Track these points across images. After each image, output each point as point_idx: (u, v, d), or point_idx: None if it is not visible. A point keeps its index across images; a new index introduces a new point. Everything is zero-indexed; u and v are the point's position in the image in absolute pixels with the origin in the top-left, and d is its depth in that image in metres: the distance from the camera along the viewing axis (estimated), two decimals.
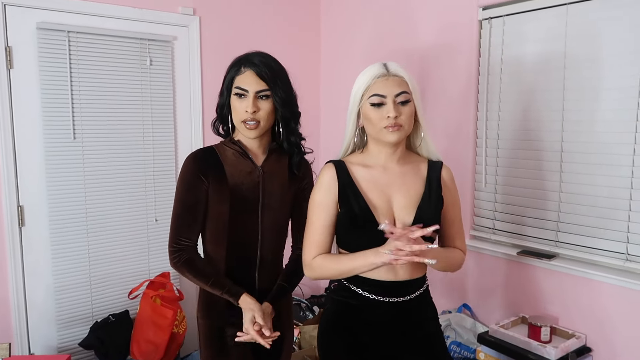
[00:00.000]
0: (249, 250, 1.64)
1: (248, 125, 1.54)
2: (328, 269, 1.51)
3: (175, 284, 2.93)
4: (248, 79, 1.53)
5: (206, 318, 1.64)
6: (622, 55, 2.07)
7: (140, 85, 2.85)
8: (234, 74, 1.55)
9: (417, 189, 1.54)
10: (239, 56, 1.59)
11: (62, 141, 2.64)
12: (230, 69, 1.57)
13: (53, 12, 2.57)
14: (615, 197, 2.12)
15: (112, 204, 2.82)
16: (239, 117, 1.54)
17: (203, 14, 3.03)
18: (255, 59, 1.55)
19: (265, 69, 1.53)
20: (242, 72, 1.53)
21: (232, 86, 1.55)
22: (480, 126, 2.60)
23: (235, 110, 1.55)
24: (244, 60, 1.55)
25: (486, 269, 2.60)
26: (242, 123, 1.54)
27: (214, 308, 1.62)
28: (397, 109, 1.45)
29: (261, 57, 1.56)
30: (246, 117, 1.53)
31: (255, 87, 1.53)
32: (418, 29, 2.85)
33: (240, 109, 1.53)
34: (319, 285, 3.60)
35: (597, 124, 2.17)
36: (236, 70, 1.55)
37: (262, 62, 1.54)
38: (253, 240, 1.63)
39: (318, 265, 1.52)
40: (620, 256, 2.12)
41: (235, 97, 1.54)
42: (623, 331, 2.11)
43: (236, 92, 1.53)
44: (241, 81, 1.53)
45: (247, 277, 1.64)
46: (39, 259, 2.65)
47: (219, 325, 1.62)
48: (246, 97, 1.53)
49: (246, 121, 1.53)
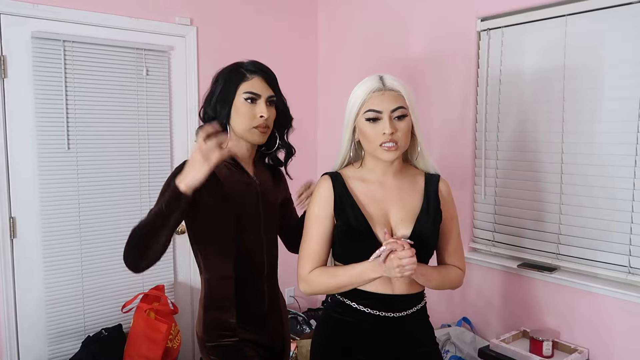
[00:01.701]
0: (257, 263, 1.60)
1: (261, 130, 1.53)
2: (324, 283, 1.48)
3: (170, 297, 2.88)
4: (259, 85, 1.52)
5: (214, 341, 1.55)
6: (622, 67, 2.06)
7: (136, 95, 2.82)
8: (238, 81, 1.52)
9: (415, 203, 1.52)
10: (235, 64, 1.56)
11: (56, 151, 2.60)
12: (231, 77, 1.53)
13: (48, 21, 2.55)
14: (617, 209, 2.10)
15: (106, 215, 2.78)
16: (248, 123, 1.51)
17: (200, 24, 3.01)
18: (260, 65, 1.56)
19: (271, 75, 1.56)
20: (250, 78, 1.52)
21: (236, 93, 1.52)
22: (480, 137, 2.58)
23: (244, 116, 1.51)
24: (247, 68, 1.54)
25: (486, 281, 2.56)
26: (253, 129, 1.52)
27: (219, 328, 1.55)
28: (393, 124, 1.43)
29: (263, 65, 1.57)
30: (259, 122, 1.51)
31: (266, 93, 1.54)
32: (416, 39, 2.84)
33: (251, 114, 1.51)
34: (316, 298, 3.55)
35: (597, 135, 2.15)
36: (241, 77, 1.52)
37: (266, 69, 1.56)
38: (259, 252, 1.60)
39: (314, 280, 1.49)
40: (622, 269, 2.09)
41: (244, 103, 1.51)
42: (626, 345, 2.07)
43: (247, 97, 1.51)
44: (251, 87, 1.52)
45: (257, 289, 1.60)
46: (31, 272, 2.59)
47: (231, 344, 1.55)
48: (257, 102, 1.52)
49: (259, 126, 1.52)
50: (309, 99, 3.53)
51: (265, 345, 1.60)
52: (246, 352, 1.53)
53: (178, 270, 3.03)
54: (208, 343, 1.52)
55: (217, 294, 1.53)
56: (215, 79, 1.58)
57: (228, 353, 1.50)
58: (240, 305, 1.54)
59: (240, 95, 1.51)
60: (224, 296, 1.53)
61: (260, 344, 1.58)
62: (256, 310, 1.59)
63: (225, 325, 1.52)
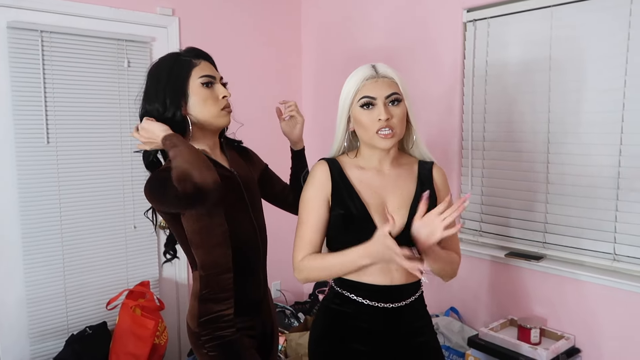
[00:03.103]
0: (254, 252, 1.58)
1: (227, 110, 1.53)
2: (316, 270, 1.46)
3: (155, 293, 2.83)
4: (209, 68, 1.52)
5: (210, 334, 1.50)
6: (607, 58, 2.09)
7: (117, 87, 2.75)
8: (187, 68, 1.48)
9: (410, 190, 1.51)
10: (170, 56, 1.52)
11: (34, 146, 2.52)
12: (176, 67, 1.48)
13: (25, 10, 2.46)
14: (602, 198, 2.14)
15: (89, 211, 2.71)
16: (215, 106, 1.49)
17: (182, 14, 2.95)
18: (199, 50, 1.54)
19: (211, 58, 1.56)
20: (198, 63, 1.49)
21: (189, 81, 1.47)
22: (466, 128, 2.60)
23: (208, 100, 1.48)
24: (191, 54, 1.51)
25: (473, 271, 2.59)
26: (220, 111, 1.50)
27: (215, 320, 1.51)
28: (388, 110, 1.42)
29: (200, 49, 1.55)
30: (224, 103, 1.51)
31: (218, 74, 1.53)
32: (402, 30, 2.84)
33: (214, 97, 1.49)
34: (303, 291, 3.54)
35: (582, 125, 2.18)
36: (189, 65, 1.48)
37: (206, 53, 1.55)
38: (254, 241, 1.58)
39: (306, 266, 1.47)
40: (607, 256, 2.13)
41: (202, 87, 1.48)
42: (611, 331, 2.12)
43: (204, 81, 1.48)
44: (204, 71, 1.49)
45: (254, 278, 1.58)
46: (11, 270, 2.51)
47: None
48: (214, 85, 1.50)
49: (225, 107, 1.52)
50: (293, 90, 3.50)
51: (258, 332, 1.59)
52: (243, 341, 1.51)
53: (163, 266, 2.98)
54: (203, 337, 1.48)
55: (213, 287, 1.50)
56: (151, 75, 1.50)
57: (225, 345, 1.48)
58: (238, 295, 1.52)
59: (196, 81, 1.47)
60: (221, 289, 1.50)
61: (254, 330, 1.57)
62: (253, 298, 1.58)
63: (222, 317, 1.49)
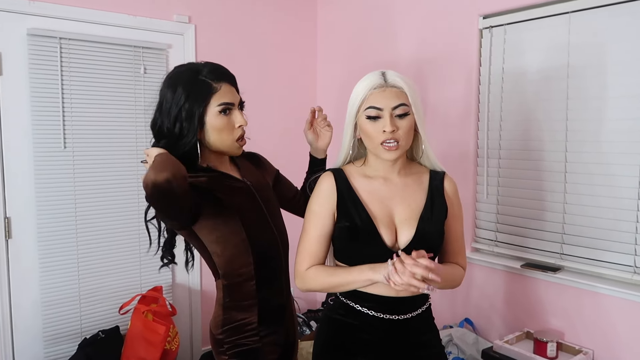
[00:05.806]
0: (275, 259, 1.56)
1: (242, 143, 1.51)
2: (321, 281, 1.44)
3: (168, 298, 2.84)
4: (229, 92, 1.45)
5: (233, 342, 1.50)
6: (627, 64, 2.04)
7: (133, 93, 2.78)
8: (206, 93, 1.42)
9: (419, 201, 1.48)
10: (190, 70, 1.46)
11: (52, 150, 2.56)
12: (195, 90, 1.42)
13: (45, 18, 2.51)
14: (622, 209, 2.07)
15: (104, 215, 2.73)
16: (230, 137, 1.47)
17: (198, 22, 2.98)
18: (222, 70, 1.48)
19: (234, 76, 1.51)
20: (218, 88, 1.43)
21: (206, 109, 1.42)
22: (482, 136, 2.56)
23: (224, 130, 1.45)
24: (211, 76, 1.44)
25: (488, 282, 2.54)
26: (235, 142, 1.49)
27: (239, 328, 1.50)
28: (394, 122, 1.38)
29: (223, 67, 1.50)
30: (239, 133, 1.48)
31: (237, 98, 1.49)
32: (417, 37, 2.82)
33: (230, 126, 1.46)
34: (316, 299, 3.52)
35: (602, 134, 2.13)
36: (208, 89, 1.43)
37: (228, 72, 1.49)
38: (275, 248, 1.56)
39: (311, 277, 1.45)
40: (627, 269, 2.07)
41: (218, 115, 1.44)
42: (631, 347, 2.05)
43: (222, 109, 1.44)
44: (223, 97, 1.44)
45: (277, 284, 1.57)
46: (26, 273, 2.55)
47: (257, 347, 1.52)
48: (231, 111, 1.46)
49: (240, 138, 1.49)
50: (308, 97, 3.49)
51: (282, 341, 1.57)
52: (265, 351, 1.49)
53: (176, 271, 2.98)
54: (226, 344, 1.48)
55: (237, 296, 1.49)
56: (169, 85, 1.44)
57: (246, 353, 1.47)
58: (261, 303, 1.51)
59: (214, 109, 1.42)
60: (245, 297, 1.49)
61: (278, 342, 1.55)
62: (277, 305, 1.56)
63: (246, 325, 1.49)
